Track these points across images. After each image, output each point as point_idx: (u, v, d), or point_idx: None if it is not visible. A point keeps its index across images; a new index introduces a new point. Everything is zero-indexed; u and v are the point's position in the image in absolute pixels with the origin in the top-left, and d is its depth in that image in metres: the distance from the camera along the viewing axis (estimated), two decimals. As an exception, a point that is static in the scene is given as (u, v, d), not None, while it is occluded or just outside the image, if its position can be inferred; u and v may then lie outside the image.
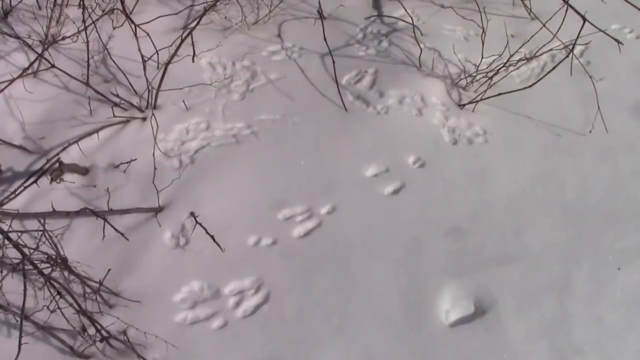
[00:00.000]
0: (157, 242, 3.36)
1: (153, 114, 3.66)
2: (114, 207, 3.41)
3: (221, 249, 3.25)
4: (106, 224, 3.12)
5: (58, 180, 3.46)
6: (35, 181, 3.20)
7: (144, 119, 3.91)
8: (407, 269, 3.24)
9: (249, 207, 3.51)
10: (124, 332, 2.97)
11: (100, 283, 3.03)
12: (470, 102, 4.02)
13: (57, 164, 3.43)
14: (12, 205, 3.32)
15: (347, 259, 3.30)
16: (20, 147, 3.74)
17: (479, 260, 3.28)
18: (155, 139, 3.57)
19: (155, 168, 3.50)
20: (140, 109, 3.94)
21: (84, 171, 3.67)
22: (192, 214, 3.43)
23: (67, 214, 3.33)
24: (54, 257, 2.83)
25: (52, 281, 2.73)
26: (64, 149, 3.63)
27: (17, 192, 3.25)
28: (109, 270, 3.13)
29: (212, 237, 3.23)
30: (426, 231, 3.40)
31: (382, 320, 3.06)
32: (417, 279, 3.20)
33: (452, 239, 3.37)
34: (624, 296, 3.11)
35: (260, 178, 3.64)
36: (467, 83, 4.20)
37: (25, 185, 3.23)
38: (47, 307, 2.77)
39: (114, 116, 3.80)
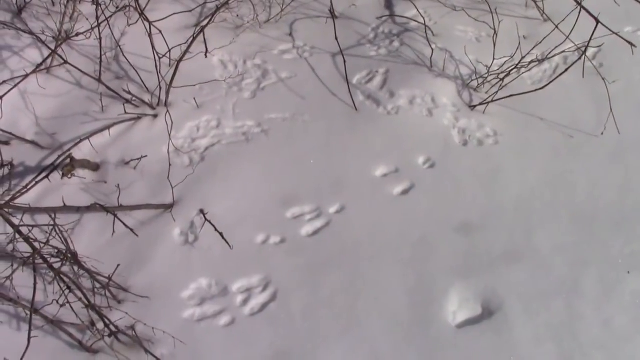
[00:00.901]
0: (167, 239, 3.38)
1: (168, 111, 3.67)
2: (124, 203, 3.44)
3: (230, 246, 3.26)
4: (116, 219, 3.14)
5: (69, 176, 3.48)
6: (46, 176, 3.22)
7: (155, 116, 3.93)
8: (415, 269, 3.24)
9: (257, 205, 3.52)
10: (132, 328, 2.99)
11: (110, 278, 3.05)
12: (481, 104, 4.01)
13: (68, 160, 3.46)
14: (24, 200, 3.34)
15: (355, 258, 3.30)
16: (32, 142, 3.77)
17: (487, 261, 3.27)
18: (170, 135, 3.59)
19: (170, 165, 3.51)
20: (151, 106, 3.97)
21: (95, 167, 3.70)
22: (201, 211, 3.45)
23: (78, 209, 3.36)
24: (64, 251, 2.85)
25: (61, 276, 2.76)
26: (76, 144, 3.67)
27: (28, 187, 3.27)
28: (118, 265, 3.15)
29: (220, 234, 3.24)
30: (435, 232, 3.40)
31: (389, 320, 3.07)
32: (425, 279, 3.20)
33: (461, 240, 3.36)
34: (633, 299, 3.09)
35: (270, 176, 3.65)
36: (478, 84, 4.19)
37: (37, 180, 3.25)
38: (57, 302, 2.79)
39: (126, 113, 3.82)
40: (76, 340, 2.94)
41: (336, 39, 4.18)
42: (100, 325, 2.94)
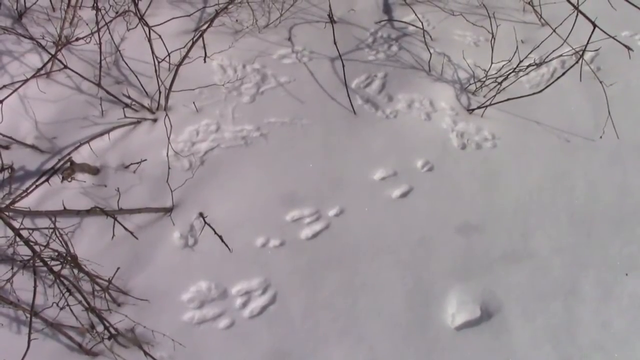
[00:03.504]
0: (166, 242, 3.39)
1: (167, 115, 3.69)
2: (124, 206, 3.45)
3: (229, 249, 3.27)
4: (116, 223, 3.15)
5: (69, 180, 3.49)
6: (46, 180, 3.24)
7: (155, 120, 3.95)
8: (413, 271, 3.25)
9: (257, 209, 3.53)
10: (132, 330, 3.00)
11: (109, 281, 3.06)
12: (479, 107, 4.03)
13: (68, 164, 3.47)
14: (24, 204, 3.36)
15: (354, 261, 3.31)
16: (32, 146, 3.78)
17: (485, 264, 3.28)
18: (169, 139, 3.60)
19: (169, 168, 3.52)
20: (151, 111, 3.98)
21: (94, 171, 3.71)
22: (201, 214, 3.46)
23: (78, 213, 3.36)
24: (64, 254, 2.86)
25: (61, 279, 2.77)
26: (76, 148, 3.68)
27: (28, 191, 3.29)
28: (118, 268, 3.16)
29: (220, 237, 3.25)
30: (433, 234, 3.41)
31: (388, 322, 3.07)
32: (423, 281, 3.21)
33: (460, 243, 3.37)
34: (631, 302, 3.10)
35: (269, 180, 3.66)
36: (476, 88, 4.21)
37: (37, 183, 3.27)
38: (57, 304, 2.80)
39: (125, 117, 3.83)
40: (76, 343, 2.95)
41: (335, 43, 4.20)
42: (100, 327, 2.95)
